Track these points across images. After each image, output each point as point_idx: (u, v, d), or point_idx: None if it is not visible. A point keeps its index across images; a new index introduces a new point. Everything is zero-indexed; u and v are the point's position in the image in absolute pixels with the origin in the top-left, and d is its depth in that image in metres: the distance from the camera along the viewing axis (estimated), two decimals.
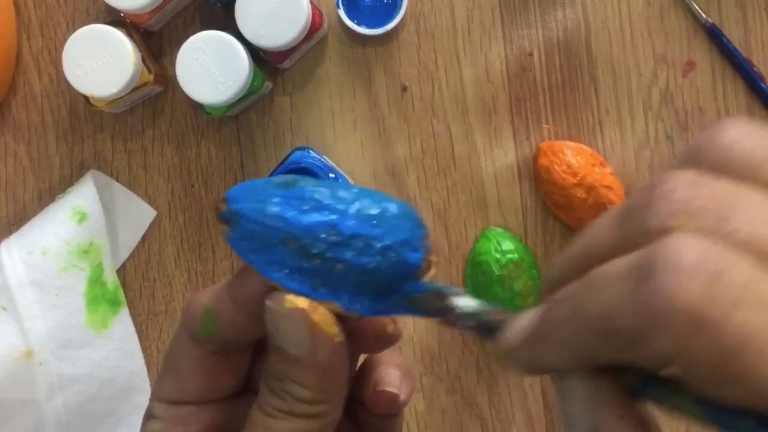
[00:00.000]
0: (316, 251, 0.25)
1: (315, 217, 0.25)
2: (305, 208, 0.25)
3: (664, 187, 0.20)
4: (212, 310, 0.27)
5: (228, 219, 0.26)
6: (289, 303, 0.25)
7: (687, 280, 0.18)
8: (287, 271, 0.25)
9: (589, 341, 0.20)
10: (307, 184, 0.26)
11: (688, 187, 0.20)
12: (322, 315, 0.25)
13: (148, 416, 0.29)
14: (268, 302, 0.25)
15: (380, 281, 0.25)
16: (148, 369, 0.59)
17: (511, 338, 0.25)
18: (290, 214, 0.25)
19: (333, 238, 0.25)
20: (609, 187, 0.55)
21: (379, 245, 0.25)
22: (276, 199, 0.25)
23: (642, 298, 0.18)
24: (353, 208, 0.25)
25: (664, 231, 0.19)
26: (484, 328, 0.27)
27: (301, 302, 0.25)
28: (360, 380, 0.30)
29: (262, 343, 0.29)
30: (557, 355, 0.22)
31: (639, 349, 0.19)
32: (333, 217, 0.25)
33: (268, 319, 0.25)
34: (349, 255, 0.25)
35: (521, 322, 0.25)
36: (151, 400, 0.29)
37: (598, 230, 0.22)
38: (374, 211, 0.25)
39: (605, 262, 0.20)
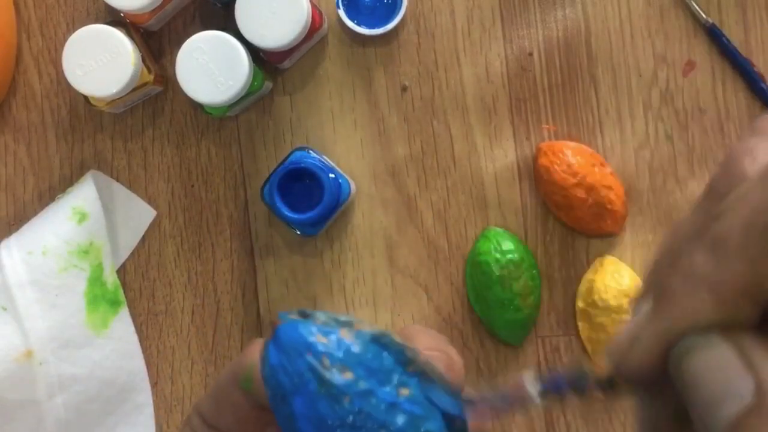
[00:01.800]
0: None
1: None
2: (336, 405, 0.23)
3: (735, 150, 0.18)
4: (253, 375, 0.26)
5: (264, 353, 0.24)
6: None
7: None
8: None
9: (746, 257, 0.17)
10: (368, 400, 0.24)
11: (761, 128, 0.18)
12: None
13: (186, 423, 0.29)
14: None
15: None
16: (147, 369, 0.59)
17: (619, 344, 0.20)
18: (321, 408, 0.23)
19: None
20: (609, 187, 0.55)
21: None
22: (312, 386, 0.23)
23: None
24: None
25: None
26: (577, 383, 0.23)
27: None
28: None
29: None
30: (704, 310, 0.18)
31: None
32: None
33: None
34: None
35: (630, 322, 0.20)
36: (194, 409, 0.29)
37: (680, 229, 0.19)
38: None
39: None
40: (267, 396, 0.25)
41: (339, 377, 0.23)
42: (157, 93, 0.59)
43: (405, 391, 0.24)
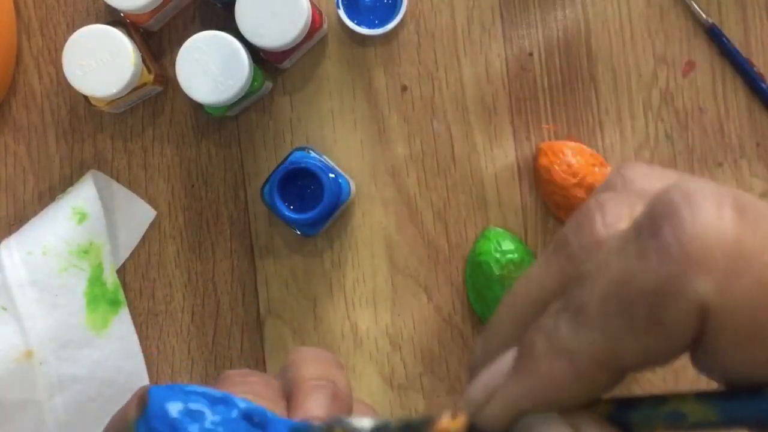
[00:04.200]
0: None
1: None
2: None
3: (592, 204, 0.18)
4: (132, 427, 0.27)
5: (140, 414, 0.26)
6: None
7: (716, 211, 0.15)
8: None
9: (601, 329, 0.17)
10: None
11: (617, 190, 0.18)
12: None
13: None
14: None
15: None
16: (147, 369, 0.58)
17: (472, 396, 0.20)
18: None
19: None
20: None
21: None
22: None
23: (665, 243, 0.15)
24: None
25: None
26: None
27: None
28: None
29: None
30: (552, 385, 0.18)
31: (669, 311, 0.16)
32: None
33: None
34: None
35: (479, 381, 0.20)
36: None
37: (527, 283, 0.19)
38: None
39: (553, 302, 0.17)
40: None
41: None
42: (157, 93, 0.59)
43: None
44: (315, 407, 0.25)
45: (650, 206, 0.16)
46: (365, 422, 0.23)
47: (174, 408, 0.25)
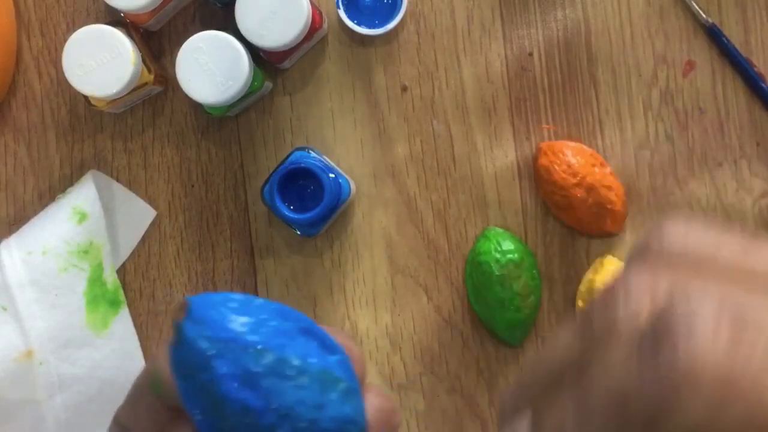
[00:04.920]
0: (230, 423, 0.25)
1: (246, 396, 0.24)
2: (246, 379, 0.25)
3: (621, 283, 0.18)
4: (160, 380, 0.27)
5: (176, 332, 0.26)
6: None
7: (711, 339, 0.16)
8: (200, 417, 0.25)
9: None
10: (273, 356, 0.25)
11: (647, 275, 0.18)
12: None
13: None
14: None
15: None
16: None
17: None
18: (227, 376, 0.25)
19: (248, 421, 0.24)
20: (609, 187, 0.55)
21: None
22: (228, 357, 0.25)
23: (660, 365, 0.16)
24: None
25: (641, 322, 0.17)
26: None
27: None
28: None
29: None
30: None
31: (662, 427, 0.16)
32: (258, 404, 0.25)
33: None
34: None
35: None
36: (113, 419, 0.30)
37: (553, 349, 0.20)
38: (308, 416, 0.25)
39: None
40: (175, 385, 0.26)
41: (256, 336, 0.25)
42: (157, 93, 0.59)
43: (311, 347, 0.26)
44: None
45: (654, 322, 0.17)
46: None
47: (219, 300, 0.26)
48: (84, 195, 0.56)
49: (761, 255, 0.19)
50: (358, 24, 0.57)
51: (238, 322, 0.25)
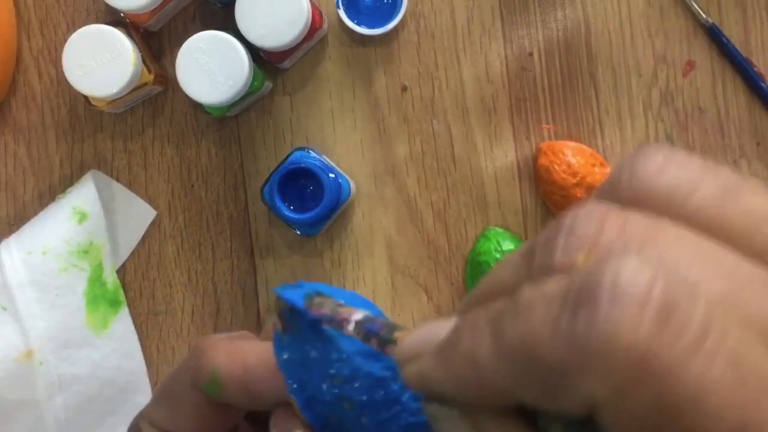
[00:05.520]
0: (350, 397, 0.24)
1: (374, 367, 0.24)
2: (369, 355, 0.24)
3: (568, 222, 0.17)
4: (220, 379, 0.26)
5: (287, 318, 0.25)
6: None
7: (635, 314, 0.14)
8: (309, 397, 0.25)
9: (504, 371, 0.17)
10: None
11: (594, 221, 0.17)
12: None
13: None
14: (273, 431, 0.25)
15: None
16: (148, 369, 0.59)
17: (407, 345, 0.20)
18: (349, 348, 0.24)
19: (378, 397, 0.24)
20: None
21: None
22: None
23: (576, 327, 0.15)
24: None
25: (570, 268, 0.16)
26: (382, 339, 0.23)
27: None
28: None
29: None
30: (459, 383, 0.18)
31: (562, 391, 0.15)
32: (386, 373, 0.24)
33: None
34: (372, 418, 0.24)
35: (423, 331, 0.20)
36: (142, 419, 0.29)
37: (502, 269, 0.19)
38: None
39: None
40: (237, 382, 0.26)
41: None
42: (157, 93, 0.59)
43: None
44: None
45: (581, 278, 0.15)
46: (357, 314, 0.23)
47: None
48: (84, 195, 0.56)
49: (742, 202, 0.18)
50: (358, 24, 0.57)
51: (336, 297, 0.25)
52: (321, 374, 0.24)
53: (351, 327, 0.23)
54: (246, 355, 0.27)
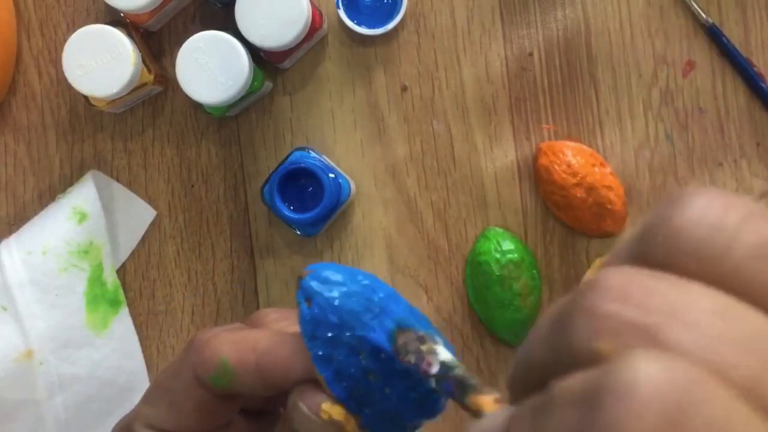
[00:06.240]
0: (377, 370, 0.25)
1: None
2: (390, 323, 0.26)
3: (589, 297, 0.16)
4: (231, 368, 0.26)
5: (308, 292, 0.26)
6: (325, 414, 0.25)
7: (645, 422, 0.14)
8: (336, 372, 0.25)
9: None
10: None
11: (615, 296, 0.16)
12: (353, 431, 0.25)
13: None
14: (302, 405, 0.25)
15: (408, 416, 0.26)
16: (148, 369, 0.59)
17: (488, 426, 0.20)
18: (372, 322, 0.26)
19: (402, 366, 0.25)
20: (609, 187, 0.55)
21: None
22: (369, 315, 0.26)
23: (591, 428, 0.15)
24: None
25: (592, 358, 0.16)
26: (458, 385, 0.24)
27: (337, 413, 0.25)
28: None
29: None
30: None
31: None
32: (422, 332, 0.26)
33: (299, 419, 0.25)
34: (400, 389, 0.25)
35: (496, 419, 0.20)
36: (136, 421, 0.28)
37: (536, 342, 0.18)
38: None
39: (547, 378, 0.17)
40: (250, 368, 0.26)
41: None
42: (157, 93, 0.59)
43: None
44: None
45: (595, 382, 0.15)
46: (444, 353, 0.25)
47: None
48: (84, 195, 0.56)
49: None
50: (358, 24, 0.57)
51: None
52: (346, 349, 0.25)
53: (432, 379, 0.24)
54: (256, 341, 0.27)
